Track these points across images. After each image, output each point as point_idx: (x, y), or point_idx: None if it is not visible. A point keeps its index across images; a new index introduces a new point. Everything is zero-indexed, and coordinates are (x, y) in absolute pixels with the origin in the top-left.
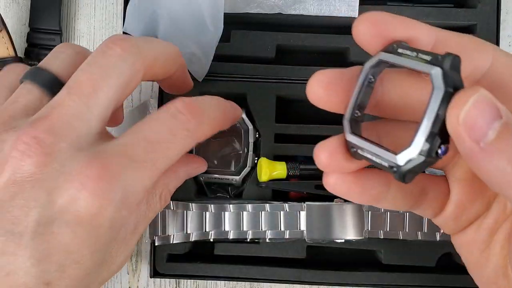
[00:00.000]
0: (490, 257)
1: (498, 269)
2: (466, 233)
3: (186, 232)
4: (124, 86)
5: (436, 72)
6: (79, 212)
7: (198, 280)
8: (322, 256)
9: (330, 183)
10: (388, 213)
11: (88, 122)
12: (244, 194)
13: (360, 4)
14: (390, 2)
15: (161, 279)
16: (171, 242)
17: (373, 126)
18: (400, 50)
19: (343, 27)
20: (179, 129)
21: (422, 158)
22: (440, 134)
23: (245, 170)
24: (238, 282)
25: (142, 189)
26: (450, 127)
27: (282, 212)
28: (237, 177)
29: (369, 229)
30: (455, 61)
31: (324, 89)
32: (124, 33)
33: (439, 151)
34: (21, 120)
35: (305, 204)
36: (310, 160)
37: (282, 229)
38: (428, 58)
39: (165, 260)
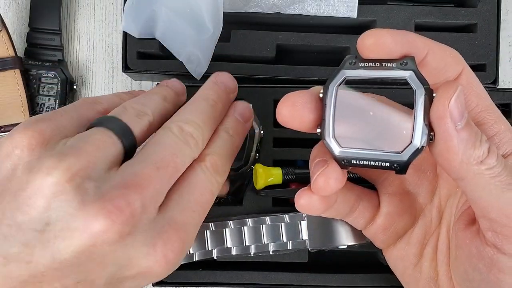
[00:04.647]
0: (422, 270)
1: (430, 280)
2: (397, 247)
3: (189, 253)
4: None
5: (411, 74)
6: (151, 275)
7: (200, 287)
8: (324, 260)
9: (302, 204)
10: None
11: (163, 195)
12: (244, 203)
13: (359, 3)
14: (391, 2)
15: (164, 287)
16: None
17: None
18: (361, 64)
19: (343, 26)
20: (214, 189)
21: (422, 147)
22: (428, 124)
23: (244, 168)
24: None
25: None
26: (438, 112)
27: (283, 224)
28: (236, 173)
29: None
30: (415, 60)
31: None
32: (124, 32)
33: (431, 137)
34: (102, 172)
35: (305, 214)
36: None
37: (285, 240)
38: (393, 65)
39: None
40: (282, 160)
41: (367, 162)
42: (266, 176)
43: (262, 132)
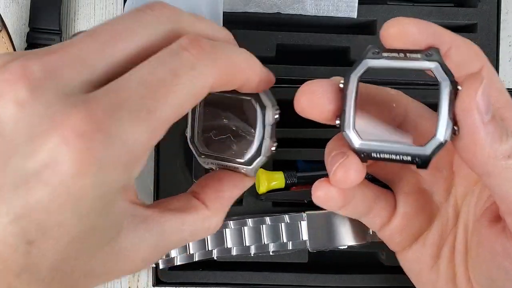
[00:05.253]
0: (439, 272)
1: (448, 281)
2: (413, 250)
3: (189, 253)
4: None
5: (437, 66)
6: (59, 170)
7: (200, 287)
8: (324, 260)
9: (320, 196)
10: None
11: (91, 69)
12: (244, 203)
13: (359, 3)
14: (391, 2)
15: (164, 287)
16: (176, 264)
17: None
18: (385, 54)
19: (343, 26)
20: (184, 68)
21: (445, 141)
22: (453, 118)
23: (258, 159)
24: None
25: (138, 144)
26: (464, 104)
27: (283, 224)
28: (248, 167)
29: (371, 232)
30: (440, 52)
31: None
32: None
33: (455, 130)
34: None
35: (305, 214)
36: (309, 164)
37: (285, 240)
38: (418, 55)
39: (167, 268)
40: (282, 161)
41: (388, 155)
42: (269, 180)
43: (278, 111)
